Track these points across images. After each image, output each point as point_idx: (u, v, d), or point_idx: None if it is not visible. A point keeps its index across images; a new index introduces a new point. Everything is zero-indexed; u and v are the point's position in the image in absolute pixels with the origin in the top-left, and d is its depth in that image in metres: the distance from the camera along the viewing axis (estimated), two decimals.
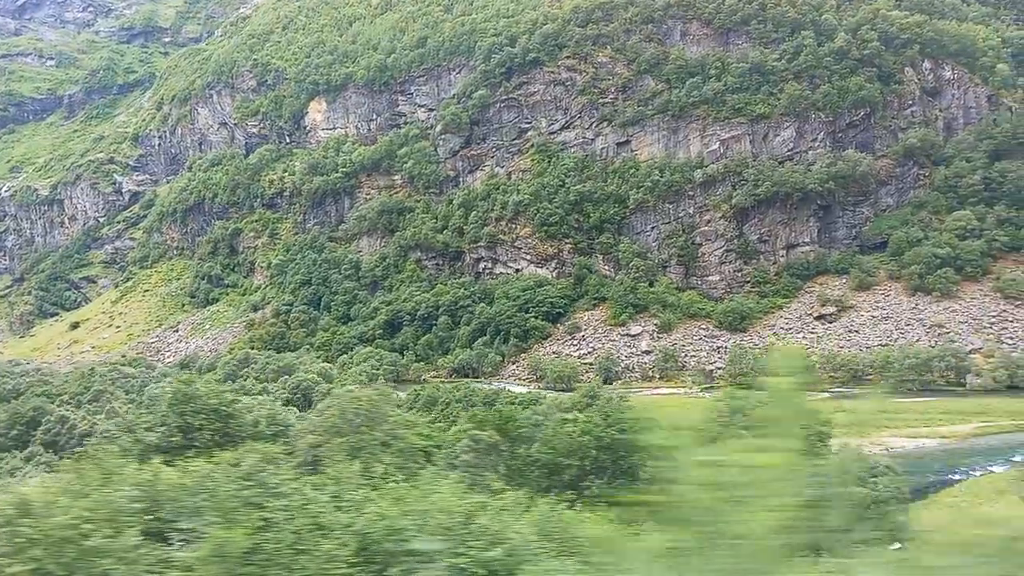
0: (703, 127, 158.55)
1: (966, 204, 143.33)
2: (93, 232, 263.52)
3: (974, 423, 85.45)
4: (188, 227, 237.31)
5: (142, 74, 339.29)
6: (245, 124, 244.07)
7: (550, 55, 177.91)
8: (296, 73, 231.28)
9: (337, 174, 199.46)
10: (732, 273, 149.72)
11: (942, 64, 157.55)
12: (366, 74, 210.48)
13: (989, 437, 78.88)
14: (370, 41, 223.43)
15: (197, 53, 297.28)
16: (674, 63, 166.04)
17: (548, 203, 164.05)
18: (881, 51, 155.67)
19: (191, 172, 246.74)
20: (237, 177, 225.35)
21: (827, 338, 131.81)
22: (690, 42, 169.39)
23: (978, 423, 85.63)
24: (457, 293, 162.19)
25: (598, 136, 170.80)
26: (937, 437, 78.96)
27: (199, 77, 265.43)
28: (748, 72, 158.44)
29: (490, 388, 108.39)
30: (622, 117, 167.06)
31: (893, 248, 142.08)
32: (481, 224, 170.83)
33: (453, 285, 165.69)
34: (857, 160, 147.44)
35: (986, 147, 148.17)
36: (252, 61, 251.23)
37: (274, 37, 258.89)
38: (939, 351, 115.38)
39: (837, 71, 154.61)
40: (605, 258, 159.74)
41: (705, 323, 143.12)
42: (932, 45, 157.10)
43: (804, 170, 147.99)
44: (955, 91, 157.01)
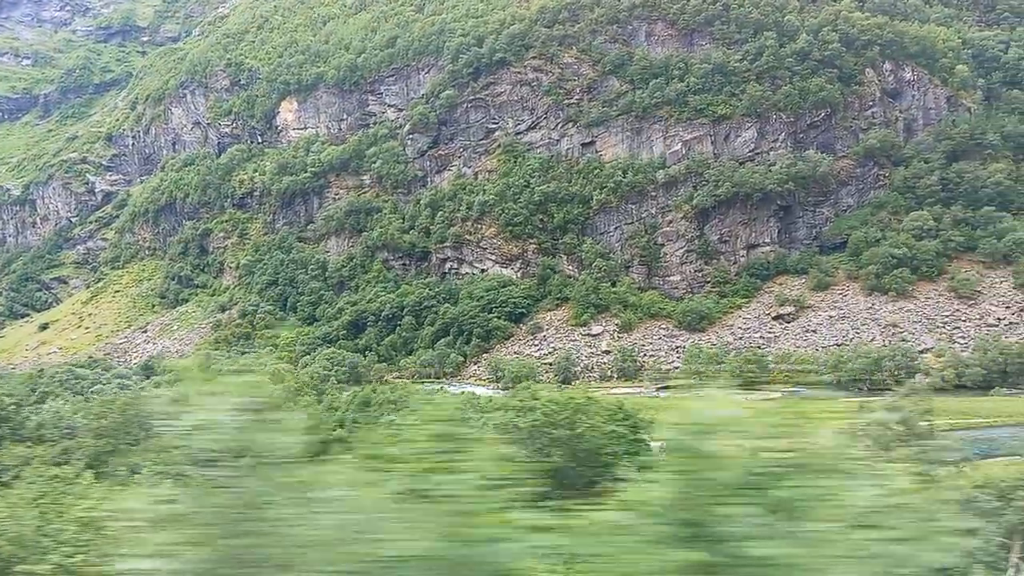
0: (666, 128, 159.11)
1: (924, 204, 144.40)
2: (65, 232, 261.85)
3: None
4: (160, 227, 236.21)
5: (119, 73, 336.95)
6: (218, 124, 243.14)
7: (517, 55, 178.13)
8: (268, 73, 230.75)
9: (306, 174, 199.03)
10: (693, 273, 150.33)
11: (902, 65, 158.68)
12: (337, 74, 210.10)
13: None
14: (343, 41, 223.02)
15: (173, 52, 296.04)
16: (638, 64, 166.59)
17: (513, 203, 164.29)
18: (842, 52, 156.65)
19: (163, 172, 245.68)
20: (208, 177, 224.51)
21: (784, 338, 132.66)
22: (655, 43, 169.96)
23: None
24: (422, 293, 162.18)
25: (564, 137, 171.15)
26: None
27: (173, 77, 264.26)
28: (711, 73, 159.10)
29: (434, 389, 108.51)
30: (587, 118, 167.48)
31: (852, 248, 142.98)
32: (447, 224, 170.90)
33: (418, 285, 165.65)
34: (817, 161, 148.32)
35: (944, 148, 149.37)
36: (226, 61, 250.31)
37: (249, 37, 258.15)
38: (890, 350, 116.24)
39: (798, 72, 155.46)
40: (569, 258, 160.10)
41: (665, 323, 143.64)
42: (892, 46, 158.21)
43: (764, 171, 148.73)
44: (915, 92, 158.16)
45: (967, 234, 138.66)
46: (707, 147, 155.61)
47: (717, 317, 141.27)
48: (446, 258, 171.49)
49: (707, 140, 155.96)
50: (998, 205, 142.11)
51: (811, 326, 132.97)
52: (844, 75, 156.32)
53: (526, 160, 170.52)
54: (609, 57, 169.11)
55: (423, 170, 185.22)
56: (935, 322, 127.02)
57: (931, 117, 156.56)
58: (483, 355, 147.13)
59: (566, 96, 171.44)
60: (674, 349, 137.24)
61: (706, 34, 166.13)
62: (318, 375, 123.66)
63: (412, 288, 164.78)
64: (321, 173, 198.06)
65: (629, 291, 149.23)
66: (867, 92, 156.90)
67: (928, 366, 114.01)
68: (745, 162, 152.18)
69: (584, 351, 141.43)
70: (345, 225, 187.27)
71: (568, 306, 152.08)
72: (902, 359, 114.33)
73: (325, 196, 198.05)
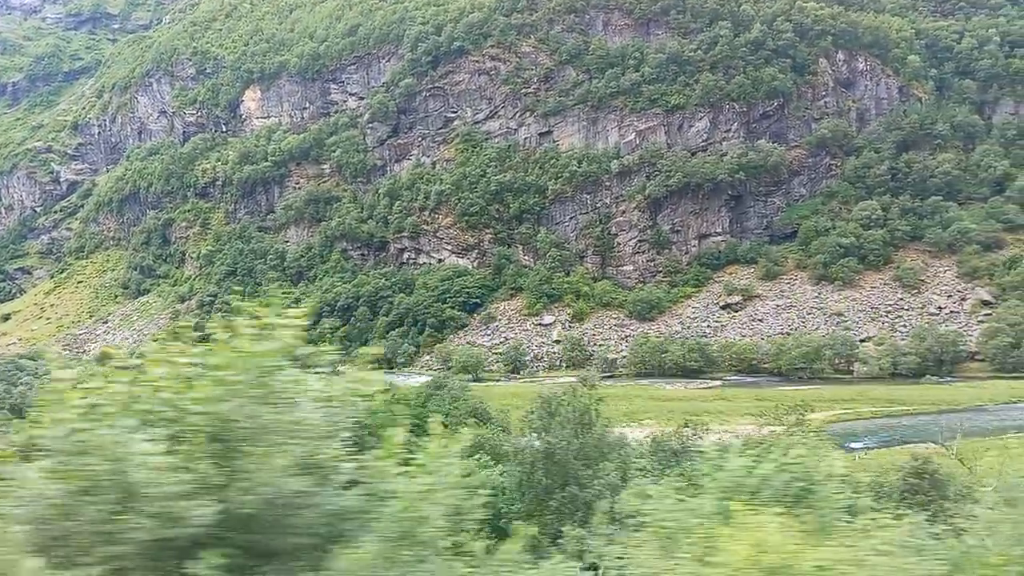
0: (621, 118, 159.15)
1: (873, 194, 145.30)
2: (30, 222, 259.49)
3: (836, 410, 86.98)
4: (124, 217, 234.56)
5: (88, 61, 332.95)
6: (183, 113, 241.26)
7: (475, 44, 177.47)
8: (233, 61, 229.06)
9: (267, 163, 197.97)
10: (645, 263, 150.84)
11: (855, 55, 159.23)
12: (299, 62, 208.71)
13: (839, 424, 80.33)
14: (307, 29, 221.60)
15: (141, 40, 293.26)
16: (595, 53, 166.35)
17: (469, 193, 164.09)
18: (796, 42, 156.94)
19: (128, 161, 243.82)
20: (171, 167, 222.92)
21: (731, 327, 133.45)
22: (612, 32, 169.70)
23: (841, 410, 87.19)
24: (378, 284, 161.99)
25: (521, 126, 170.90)
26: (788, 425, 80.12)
27: (139, 65, 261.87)
28: (665, 63, 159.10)
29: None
30: (544, 107, 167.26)
31: (802, 238, 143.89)
32: (405, 214, 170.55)
33: (374, 275, 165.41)
34: (768, 150, 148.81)
35: (895, 138, 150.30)
36: (192, 49, 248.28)
37: (216, 25, 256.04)
38: (829, 339, 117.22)
39: (752, 62, 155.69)
40: (525, 248, 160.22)
41: (617, 313, 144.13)
42: (846, 36, 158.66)
43: (716, 160, 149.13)
44: (868, 82, 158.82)
45: (914, 224, 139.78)
46: (661, 137, 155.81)
47: (667, 306, 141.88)
48: (403, 248, 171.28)
49: (661, 130, 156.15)
50: (946, 195, 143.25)
51: (758, 315, 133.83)
52: (798, 65, 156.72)
53: (483, 150, 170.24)
54: (566, 47, 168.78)
55: (382, 159, 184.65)
56: (879, 311, 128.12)
57: (883, 107, 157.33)
58: (437, 345, 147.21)
59: (524, 85, 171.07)
60: (624, 338, 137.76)
61: (662, 24, 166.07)
62: None
63: (368, 278, 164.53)
64: (282, 162, 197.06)
65: (582, 281, 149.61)
66: (820, 82, 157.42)
67: (867, 354, 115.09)
68: (697, 152, 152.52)
69: (535, 341, 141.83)
70: (305, 215, 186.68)
71: (522, 296, 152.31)
72: (841, 348, 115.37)
73: (286, 185, 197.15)
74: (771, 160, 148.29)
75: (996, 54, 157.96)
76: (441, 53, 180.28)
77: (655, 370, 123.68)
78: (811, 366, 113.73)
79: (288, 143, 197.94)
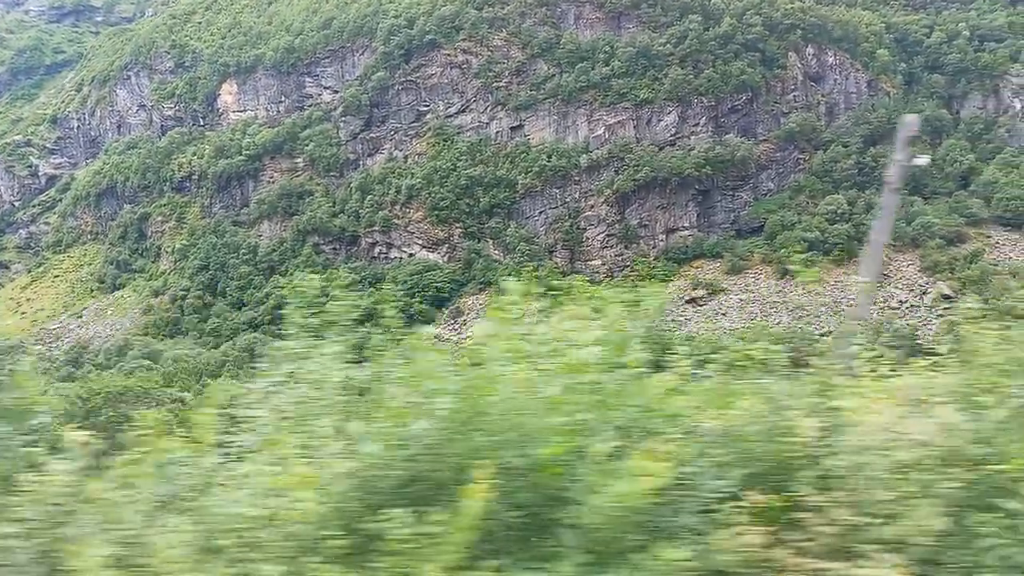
0: (590, 112, 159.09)
1: (840, 188, 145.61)
2: (8, 217, 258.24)
3: None
4: (102, 211, 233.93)
5: (71, 54, 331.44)
6: (161, 106, 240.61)
7: (447, 37, 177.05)
8: (211, 55, 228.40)
9: (241, 157, 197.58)
10: (613, 257, 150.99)
11: (825, 50, 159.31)
12: (275, 56, 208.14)
13: None
14: (284, 22, 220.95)
15: (122, 33, 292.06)
16: (566, 47, 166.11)
17: (440, 187, 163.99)
18: (766, 36, 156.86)
19: (106, 155, 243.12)
20: (148, 160, 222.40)
21: (695, 321, 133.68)
22: (583, 26, 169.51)
23: None
24: (347, 278, 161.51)
25: (493, 120, 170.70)
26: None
27: (119, 58, 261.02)
28: (635, 56, 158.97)
29: None
30: (515, 101, 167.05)
31: (768, 232, 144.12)
32: (377, 208, 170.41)
33: (344, 270, 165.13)
34: (736, 145, 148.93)
35: (862, 132, 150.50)
36: (171, 42, 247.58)
37: (196, 17, 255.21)
38: (787, 333, 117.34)
39: (721, 56, 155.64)
40: (495, 243, 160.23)
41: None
42: (816, 30, 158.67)
43: (683, 155, 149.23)
44: (837, 76, 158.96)
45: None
46: (630, 131, 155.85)
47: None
48: (375, 242, 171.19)
49: (630, 124, 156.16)
50: (911, 189, 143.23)
51: (722, 309, 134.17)
52: (767, 59, 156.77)
53: (455, 144, 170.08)
54: (537, 40, 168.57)
55: (355, 153, 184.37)
56: (841, 305, 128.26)
57: (852, 101, 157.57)
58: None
59: (495, 79, 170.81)
60: None
61: (633, 17, 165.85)
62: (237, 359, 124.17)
63: (338, 273, 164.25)
64: (256, 156, 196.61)
65: (550, 276, 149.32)
66: (789, 76, 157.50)
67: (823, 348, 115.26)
68: (665, 146, 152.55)
69: None
70: (278, 209, 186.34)
71: (491, 290, 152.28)
72: (798, 342, 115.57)
73: (260, 179, 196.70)
74: (738, 154, 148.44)
75: (965, 48, 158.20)
76: (413, 47, 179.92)
77: None
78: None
79: (262, 137, 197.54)
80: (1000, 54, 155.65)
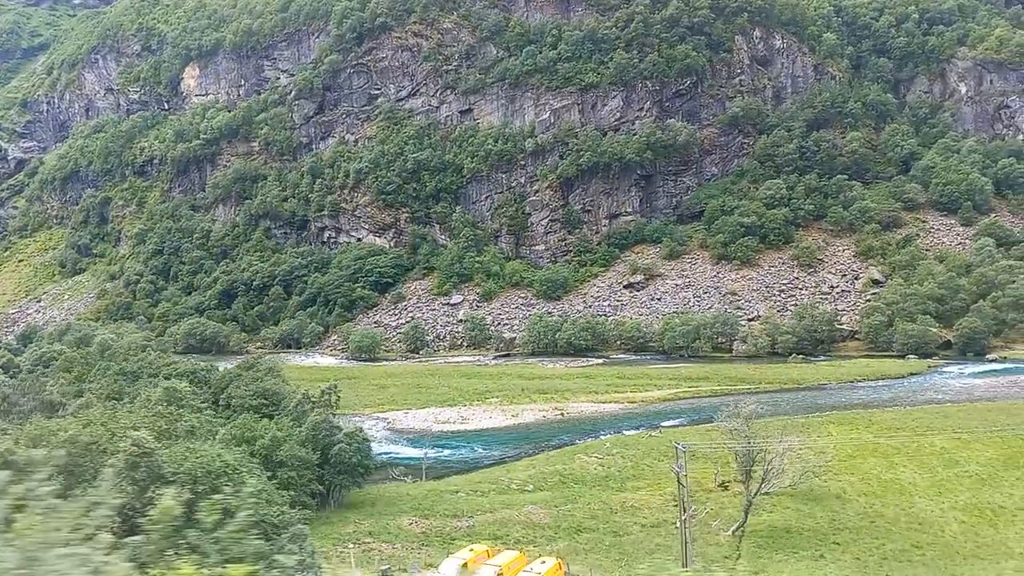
0: (537, 96, 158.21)
1: (782, 173, 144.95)
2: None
3: (678, 388, 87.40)
4: (67, 195, 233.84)
5: (47, 38, 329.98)
6: (127, 90, 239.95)
7: (399, 20, 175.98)
8: (174, 38, 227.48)
9: (199, 141, 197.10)
10: (557, 243, 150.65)
11: (773, 33, 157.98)
12: (234, 39, 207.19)
13: (675, 402, 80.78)
14: (247, 5, 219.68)
15: (94, 16, 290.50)
16: (514, 30, 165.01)
17: (387, 171, 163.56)
18: (712, 19, 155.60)
19: (73, 139, 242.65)
20: (111, 145, 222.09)
21: (631, 306, 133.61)
22: (533, 9, 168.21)
23: (684, 388, 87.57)
24: (294, 263, 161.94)
25: (443, 104, 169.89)
26: (624, 402, 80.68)
27: (87, 41, 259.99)
28: (581, 40, 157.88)
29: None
30: (465, 85, 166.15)
31: (708, 217, 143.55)
32: (326, 192, 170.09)
33: (291, 254, 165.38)
34: (678, 129, 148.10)
35: (806, 116, 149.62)
36: (138, 25, 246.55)
37: (164, 1, 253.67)
38: (710, 318, 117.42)
39: (667, 39, 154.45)
40: (442, 227, 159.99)
41: (526, 292, 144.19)
42: (763, 13, 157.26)
43: (625, 140, 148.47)
44: (784, 60, 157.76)
45: (818, 202, 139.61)
46: (575, 116, 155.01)
47: (574, 286, 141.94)
48: (324, 227, 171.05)
49: (575, 109, 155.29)
50: (853, 173, 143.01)
51: (657, 294, 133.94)
52: (713, 42, 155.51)
53: (404, 128, 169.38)
54: (487, 23, 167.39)
55: (308, 137, 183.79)
56: (772, 290, 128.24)
57: (799, 85, 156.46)
58: (347, 325, 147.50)
59: (445, 62, 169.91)
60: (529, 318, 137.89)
61: (582, 0, 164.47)
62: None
63: (285, 257, 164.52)
64: (213, 140, 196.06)
65: (493, 261, 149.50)
66: (736, 60, 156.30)
67: (748, 333, 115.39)
68: (608, 131, 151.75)
69: (441, 320, 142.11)
70: (232, 192, 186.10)
71: (435, 275, 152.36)
72: (722, 327, 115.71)
73: (217, 163, 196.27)
74: (680, 139, 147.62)
75: (914, 31, 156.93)
76: (365, 30, 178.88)
77: (548, 349, 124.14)
78: (690, 345, 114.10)
79: (219, 121, 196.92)
80: (948, 37, 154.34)
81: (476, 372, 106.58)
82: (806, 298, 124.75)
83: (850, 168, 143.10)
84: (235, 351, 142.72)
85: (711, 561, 36.34)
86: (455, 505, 45.37)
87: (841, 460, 54.97)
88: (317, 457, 40.68)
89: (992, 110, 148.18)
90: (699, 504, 47.90)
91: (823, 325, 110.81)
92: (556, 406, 79.98)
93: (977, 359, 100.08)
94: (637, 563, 36.30)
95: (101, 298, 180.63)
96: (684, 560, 34.23)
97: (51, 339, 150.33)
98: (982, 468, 51.08)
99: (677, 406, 79.90)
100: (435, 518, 42.79)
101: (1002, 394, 76.74)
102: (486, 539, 40.19)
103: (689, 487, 51.23)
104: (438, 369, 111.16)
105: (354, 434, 43.99)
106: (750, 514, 43.90)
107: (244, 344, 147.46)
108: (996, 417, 64.41)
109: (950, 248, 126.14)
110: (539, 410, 78.35)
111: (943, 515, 42.67)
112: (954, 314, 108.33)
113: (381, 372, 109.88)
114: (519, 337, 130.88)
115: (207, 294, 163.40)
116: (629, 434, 67.18)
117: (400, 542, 38.71)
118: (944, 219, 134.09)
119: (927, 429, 61.65)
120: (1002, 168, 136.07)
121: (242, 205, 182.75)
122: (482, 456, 63.92)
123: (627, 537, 40.35)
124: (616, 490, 50.59)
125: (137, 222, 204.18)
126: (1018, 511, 42.81)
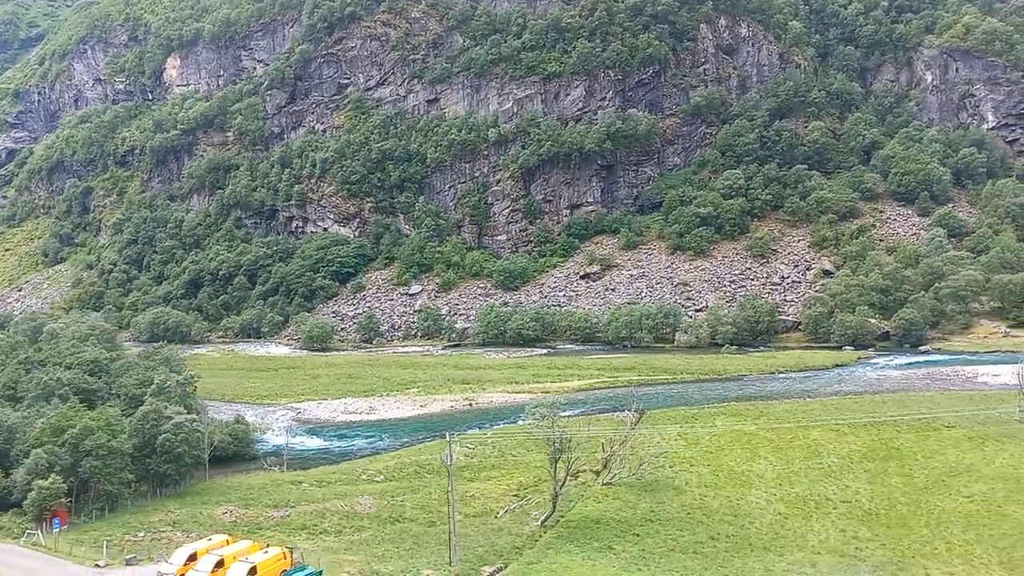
0: (501, 85, 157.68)
1: (742, 163, 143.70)
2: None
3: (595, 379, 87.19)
4: (54, 185, 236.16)
5: (44, 28, 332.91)
6: (114, 80, 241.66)
7: (368, 10, 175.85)
8: (158, 27, 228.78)
9: (176, 131, 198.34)
10: (518, 233, 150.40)
11: (739, 21, 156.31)
12: (214, 29, 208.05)
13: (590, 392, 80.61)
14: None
15: (88, 7, 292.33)
16: (481, 19, 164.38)
17: (351, 161, 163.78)
18: (676, 8, 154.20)
19: (61, 129, 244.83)
20: (94, 135, 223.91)
21: (586, 296, 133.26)
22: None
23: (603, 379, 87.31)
24: (259, 252, 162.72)
25: (410, 93, 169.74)
26: (538, 393, 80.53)
27: (77, 32, 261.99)
28: (545, 29, 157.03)
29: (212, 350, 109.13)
30: (432, 74, 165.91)
31: (666, 208, 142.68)
32: (294, 182, 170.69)
33: (257, 244, 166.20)
34: (639, 119, 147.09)
35: (770, 105, 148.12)
36: (125, 15, 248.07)
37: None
38: (655, 310, 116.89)
39: (630, 28, 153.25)
40: (406, 217, 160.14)
41: (485, 282, 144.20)
42: (728, 1, 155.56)
43: (585, 130, 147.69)
44: (750, 48, 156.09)
45: (776, 192, 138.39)
46: (538, 105, 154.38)
47: (532, 276, 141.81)
48: (292, 216, 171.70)
49: (538, 98, 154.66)
50: (814, 163, 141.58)
51: (612, 285, 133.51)
52: (677, 31, 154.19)
53: (371, 117, 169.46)
54: (455, 12, 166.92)
55: (280, 126, 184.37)
56: (724, 280, 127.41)
57: (765, 74, 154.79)
58: (306, 314, 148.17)
59: (412, 51, 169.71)
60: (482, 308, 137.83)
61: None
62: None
63: (251, 247, 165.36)
64: (190, 130, 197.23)
65: (454, 251, 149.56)
66: (700, 48, 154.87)
67: (691, 324, 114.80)
68: (570, 121, 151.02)
69: (399, 310, 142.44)
70: (206, 182, 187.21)
71: (396, 265, 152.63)
72: (664, 318, 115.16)
73: (194, 153, 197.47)
74: (641, 129, 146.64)
75: (882, 19, 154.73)
76: (336, 19, 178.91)
77: (498, 339, 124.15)
78: (633, 335, 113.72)
79: (196, 111, 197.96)
80: (916, 24, 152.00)
81: (415, 363, 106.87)
82: (756, 289, 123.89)
83: (811, 158, 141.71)
84: (197, 340, 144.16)
85: (496, 553, 36.40)
86: (285, 495, 45.70)
87: (708, 452, 54.79)
88: (133, 447, 41.02)
89: (957, 99, 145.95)
90: (539, 494, 48.07)
91: (764, 316, 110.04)
92: (467, 396, 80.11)
93: (912, 350, 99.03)
94: (418, 556, 36.45)
95: (76, 287, 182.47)
96: (450, 556, 34.32)
97: (15, 328, 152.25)
98: (838, 460, 50.69)
99: (590, 396, 79.78)
100: (255, 508, 43.13)
101: (908, 386, 75.96)
102: (296, 529, 40.50)
103: (540, 477, 51.35)
104: (379, 360, 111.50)
105: (182, 424, 44.31)
106: (577, 504, 43.97)
107: (206, 333, 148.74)
108: (885, 409, 63.88)
109: (903, 238, 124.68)
110: (450, 400, 78.53)
111: (765, 507, 42.41)
112: (898, 305, 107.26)
113: (321, 362, 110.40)
114: (472, 328, 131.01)
115: (175, 284, 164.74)
116: (522, 424, 67.14)
117: (202, 531, 39.07)
118: (901, 209, 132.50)
119: (811, 421, 61.23)
120: (962, 158, 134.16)
121: (215, 195, 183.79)
122: (388, 446, 63.69)
123: (439, 527, 40.42)
124: (468, 480, 50.73)
125: (117, 212, 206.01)
126: (841, 504, 42.49)
